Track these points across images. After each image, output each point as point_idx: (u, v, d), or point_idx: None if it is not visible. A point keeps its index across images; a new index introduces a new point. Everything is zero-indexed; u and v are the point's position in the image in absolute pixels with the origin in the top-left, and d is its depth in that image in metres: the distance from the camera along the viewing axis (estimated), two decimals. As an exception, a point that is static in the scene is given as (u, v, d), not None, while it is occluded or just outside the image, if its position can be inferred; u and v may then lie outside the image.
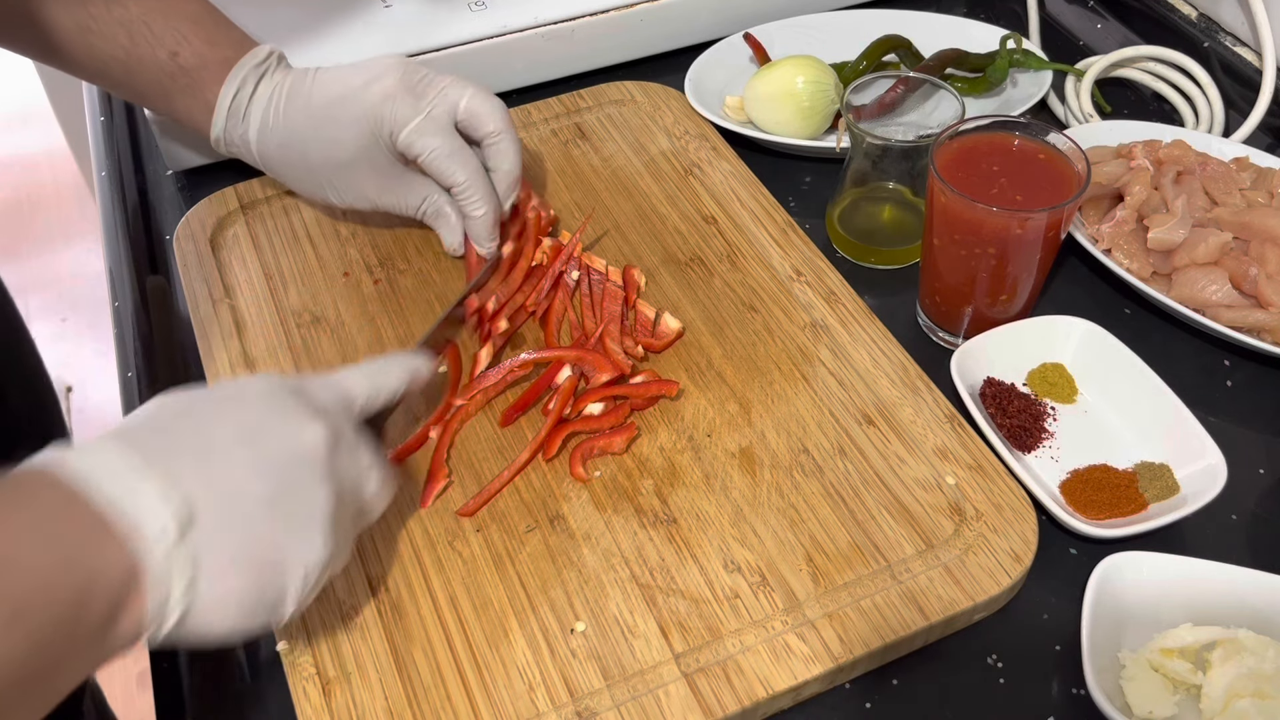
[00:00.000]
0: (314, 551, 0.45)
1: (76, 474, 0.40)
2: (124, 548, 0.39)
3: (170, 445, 0.43)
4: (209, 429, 0.44)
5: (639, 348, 0.65)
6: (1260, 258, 0.67)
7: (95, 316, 2.24)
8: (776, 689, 0.51)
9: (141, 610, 0.40)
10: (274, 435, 0.45)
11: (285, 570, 0.44)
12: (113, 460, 0.41)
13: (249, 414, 0.45)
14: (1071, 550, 0.59)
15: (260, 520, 0.44)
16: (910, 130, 0.75)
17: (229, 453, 0.44)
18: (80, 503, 0.39)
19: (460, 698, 0.51)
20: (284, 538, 0.44)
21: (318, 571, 0.46)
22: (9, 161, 2.61)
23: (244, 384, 0.47)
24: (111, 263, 0.77)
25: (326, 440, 0.46)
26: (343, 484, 0.47)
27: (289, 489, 0.45)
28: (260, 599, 0.44)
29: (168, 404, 0.45)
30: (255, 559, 0.43)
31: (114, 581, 0.39)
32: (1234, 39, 0.90)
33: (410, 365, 0.55)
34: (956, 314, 0.68)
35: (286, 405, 0.46)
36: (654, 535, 0.57)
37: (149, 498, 0.40)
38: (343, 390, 0.51)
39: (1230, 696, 0.49)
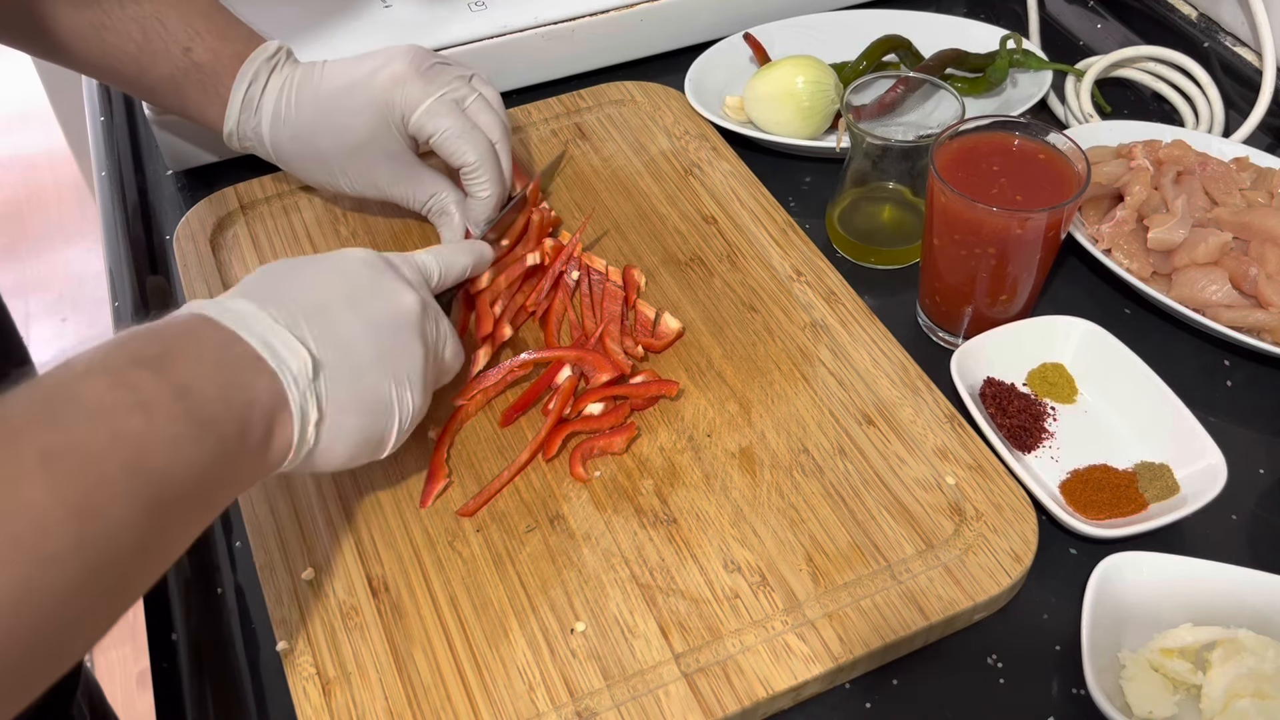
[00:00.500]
0: (410, 400, 0.53)
1: (229, 321, 0.46)
2: (274, 381, 0.46)
3: (294, 305, 0.49)
4: (321, 291, 0.51)
5: (639, 348, 0.65)
6: (1260, 258, 0.67)
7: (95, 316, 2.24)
8: (776, 689, 0.51)
9: (288, 436, 0.47)
10: (376, 299, 0.52)
11: (390, 414, 0.52)
12: (252, 312, 0.47)
13: (352, 280, 0.52)
14: (1071, 550, 0.59)
15: (370, 372, 0.50)
16: (910, 130, 0.75)
17: (341, 313, 0.50)
18: (239, 342, 0.46)
19: (460, 698, 0.51)
20: (389, 386, 0.51)
21: (411, 417, 0.53)
22: (9, 161, 2.61)
23: (343, 253, 0.54)
24: (111, 263, 0.77)
25: (418, 307, 0.53)
26: (429, 345, 0.54)
27: (392, 345, 0.51)
28: (369, 437, 0.51)
29: (282, 269, 0.52)
30: (368, 402, 0.50)
31: (268, 408, 0.46)
32: (1234, 39, 0.90)
33: (476, 249, 0.63)
34: (956, 314, 0.68)
35: (383, 274, 0.53)
36: (654, 535, 0.57)
37: (288, 342, 0.47)
38: (423, 266, 0.58)
39: (1230, 696, 0.49)
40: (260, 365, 0.46)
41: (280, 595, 0.55)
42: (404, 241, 0.74)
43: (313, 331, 0.49)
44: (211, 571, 0.59)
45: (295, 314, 0.49)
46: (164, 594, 0.58)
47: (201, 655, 0.56)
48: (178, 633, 0.57)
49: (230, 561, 0.59)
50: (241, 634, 0.56)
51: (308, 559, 0.57)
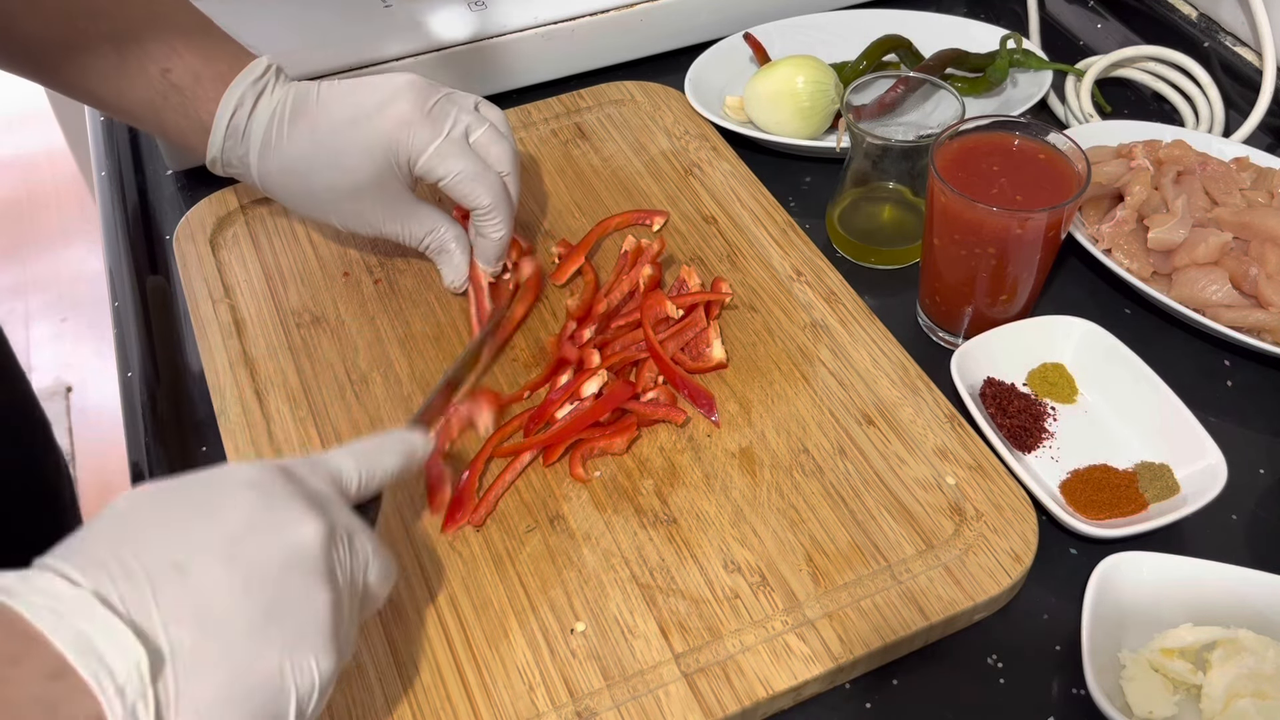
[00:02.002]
0: (317, 664, 0.40)
1: (32, 614, 0.35)
2: (86, 698, 0.35)
3: (136, 572, 0.37)
4: (184, 540, 0.39)
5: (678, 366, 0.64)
6: (1260, 258, 0.67)
7: (95, 316, 2.24)
8: (776, 689, 0.51)
9: None
10: (261, 539, 0.40)
11: (283, 694, 0.39)
12: (71, 596, 0.36)
13: (232, 514, 0.40)
14: (1071, 550, 0.59)
15: (248, 645, 0.38)
16: (910, 130, 0.75)
17: (206, 571, 0.38)
18: (36, 648, 0.34)
19: (460, 698, 0.51)
20: (278, 660, 0.39)
21: (319, 687, 0.41)
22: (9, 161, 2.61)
23: (224, 474, 0.42)
24: (111, 263, 0.77)
25: (321, 537, 0.41)
26: (342, 581, 0.42)
27: (282, 602, 0.39)
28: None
29: (135, 508, 0.40)
30: (245, 691, 0.38)
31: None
32: (1234, 39, 0.90)
33: (406, 444, 0.50)
34: (956, 314, 0.68)
35: (273, 500, 0.41)
36: (654, 535, 0.57)
37: (116, 634, 0.35)
38: (335, 474, 0.46)
39: (1230, 696, 0.49)
40: (65, 683, 0.34)
41: (280, 595, 0.55)
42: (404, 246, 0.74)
43: (162, 603, 0.37)
44: (211, 571, 0.59)
45: (139, 580, 0.37)
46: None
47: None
48: (178, 633, 0.56)
49: (230, 561, 0.59)
50: (241, 634, 0.56)
51: (308, 559, 0.56)
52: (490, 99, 0.76)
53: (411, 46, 0.82)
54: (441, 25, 0.84)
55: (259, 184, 0.67)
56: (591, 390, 0.62)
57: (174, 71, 0.63)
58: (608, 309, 0.68)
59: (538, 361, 0.66)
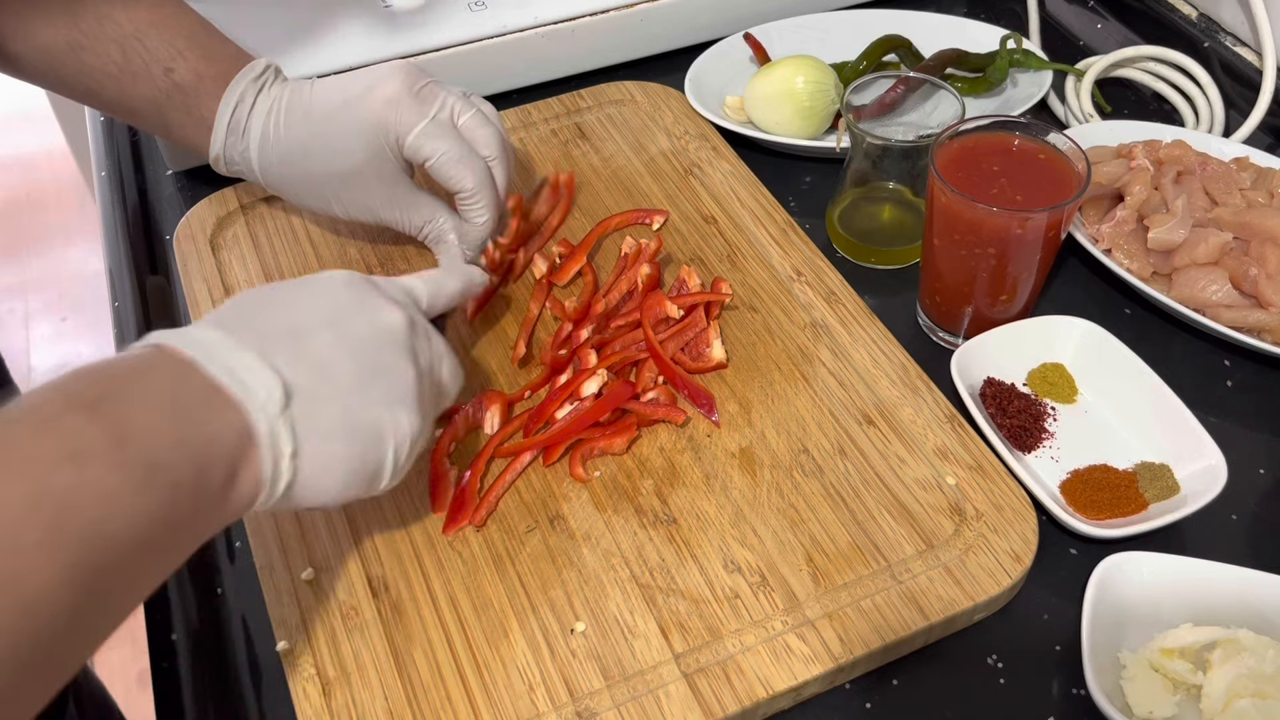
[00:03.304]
0: (406, 423, 0.48)
1: (187, 350, 0.43)
2: (237, 414, 0.42)
3: (263, 329, 0.46)
4: (296, 314, 0.47)
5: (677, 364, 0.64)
6: (1260, 258, 0.67)
7: (95, 316, 2.24)
8: (776, 689, 0.51)
9: (256, 473, 0.43)
10: (357, 317, 0.48)
11: (382, 439, 0.48)
12: (217, 339, 0.44)
13: (331, 299, 0.48)
14: (1071, 550, 0.59)
15: (354, 394, 0.46)
16: (910, 130, 0.75)
17: (318, 334, 0.46)
18: (196, 373, 0.42)
19: (460, 698, 0.51)
20: (378, 410, 0.47)
21: (409, 442, 0.49)
22: (9, 161, 2.61)
23: (321, 275, 0.50)
24: (111, 263, 0.77)
25: (405, 322, 0.49)
26: (423, 363, 0.50)
27: (377, 365, 0.48)
28: (362, 466, 0.47)
29: (253, 294, 0.48)
30: (353, 428, 0.46)
31: (230, 444, 0.42)
32: (1234, 39, 0.90)
33: (465, 273, 0.59)
34: (956, 314, 0.68)
35: (365, 292, 0.49)
36: (654, 535, 0.57)
37: (255, 370, 0.43)
38: (410, 288, 0.54)
39: (1230, 696, 0.49)
40: (220, 398, 0.42)
41: (280, 595, 0.55)
42: (404, 243, 0.74)
43: (285, 355, 0.45)
44: (211, 571, 0.59)
45: (266, 338, 0.45)
46: (164, 594, 0.58)
47: (201, 655, 0.56)
48: (178, 633, 0.57)
49: (230, 561, 0.59)
50: (242, 634, 0.56)
51: (308, 559, 0.57)
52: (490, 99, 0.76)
53: (411, 46, 0.82)
54: (441, 25, 0.84)
55: (261, 178, 0.69)
56: (591, 390, 0.62)
57: (177, 71, 0.65)
58: (606, 309, 0.68)
59: (539, 361, 0.66)
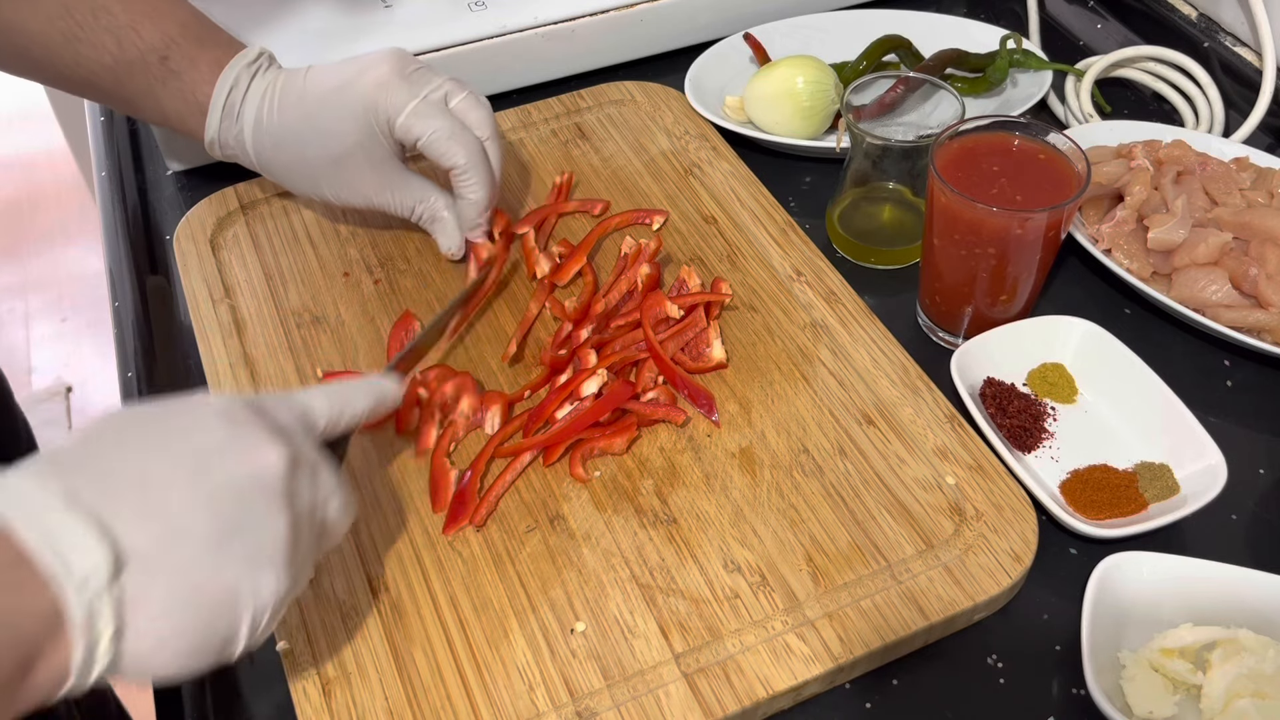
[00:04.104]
0: (269, 586, 0.42)
1: (1, 508, 0.36)
2: (45, 591, 0.36)
3: (104, 478, 0.39)
4: (150, 458, 0.40)
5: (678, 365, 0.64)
6: (1260, 258, 0.67)
7: (95, 316, 2.24)
8: (776, 689, 0.51)
9: (64, 659, 0.37)
10: (226, 461, 0.41)
11: (236, 608, 0.41)
12: (37, 494, 0.37)
13: (199, 437, 0.42)
14: (1071, 550, 0.59)
15: (206, 558, 0.40)
16: (910, 130, 0.75)
17: (173, 483, 0.40)
18: (5, 539, 0.36)
19: (460, 698, 0.51)
20: (234, 575, 0.41)
21: (271, 607, 0.42)
22: (9, 161, 2.61)
23: (198, 402, 0.43)
24: (111, 263, 0.77)
25: (284, 464, 0.43)
26: (301, 510, 0.44)
27: (242, 521, 0.41)
28: (207, 640, 0.41)
29: (106, 427, 0.41)
30: (200, 600, 0.40)
31: (31, 630, 0.36)
32: (1234, 39, 0.90)
33: (377, 389, 0.51)
34: (956, 314, 0.68)
35: (240, 427, 0.42)
36: (654, 535, 0.57)
37: (79, 534, 0.37)
38: (304, 409, 0.47)
39: (1230, 696, 0.49)
40: (25, 573, 0.36)
41: (280, 595, 0.55)
42: (404, 243, 0.74)
43: (127, 512, 0.38)
44: (211, 571, 0.59)
45: (108, 490, 0.39)
46: (164, 594, 0.58)
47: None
48: (178, 633, 0.56)
49: (230, 561, 0.59)
50: (241, 634, 0.56)
51: (308, 559, 0.56)
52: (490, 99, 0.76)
53: (411, 46, 0.82)
54: (441, 25, 0.84)
55: (255, 162, 0.70)
56: (591, 390, 0.62)
57: (172, 59, 0.66)
58: (606, 309, 0.68)
59: (538, 362, 0.66)
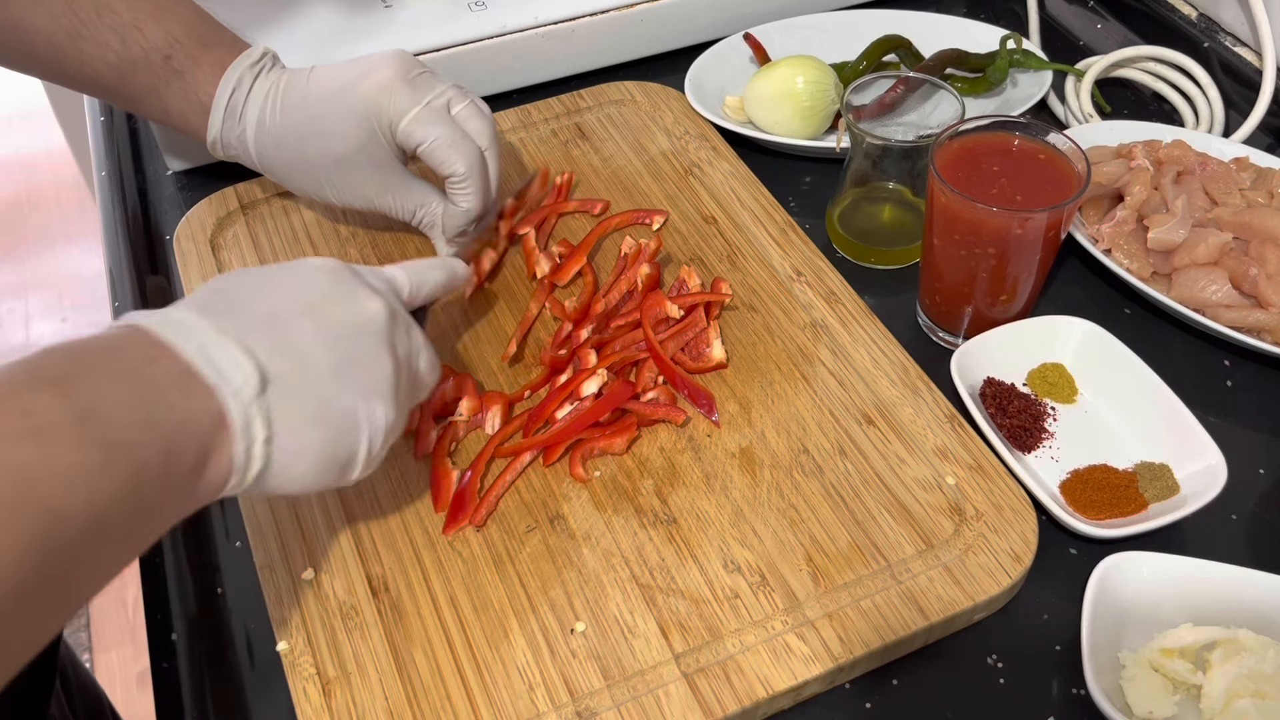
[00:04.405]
0: (381, 414, 0.48)
1: (163, 332, 0.42)
2: (210, 397, 0.42)
3: (243, 314, 0.45)
4: (276, 302, 0.47)
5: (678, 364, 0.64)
6: (1260, 258, 0.67)
7: (95, 316, 2.24)
8: (776, 689, 0.51)
9: (228, 458, 0.43)
10: (337, 306, 0.48)
11: (357, 429, 0.48)
12: (194, 322, 0.43)
13: (312, 287, 0.48)
14: (1071, 550, 0.59)
15: (330, 382, 0.46)
16: (910, 130, 0.75)
17: (297, 322, 0.46)
18: (171, 355, 0.42)
19: (460, 698, 0.51)
20: (353, 399, 0.47)
21: (383, 433, 0.49)
22: (9, 161, 2.61)
23: (304, 261, 0.50)
24: (111, 263, 0.77)
25: (385, 313, 0.49)
26: (400, 356, 0.50)
27: (355, 355, 0.47)
28: (334, 456, 0.47)
29: (234, 279, 0.48)
30: (328, 417, 0.46)
31: (202, 428, 0.41)
32: (1234, 39, 0.90)
33: (450, 265, 0.58)
34: (956, 314, 0.68)
35: (345, 281, 0.49)
36: (654, 535, 0.57)
37: (231, 355, 0.43)
38: (392, 278, 0.54)
39: (1230, 696, 0.49)
40: (193, 381, 0.42)
41: (280, 595, 0.55)
42: (404, 243, 0.74)
43: (263, 341, 0.45)
44: (211, 571, 0.59)
45: (244, 323, 0.45)
46: (164, 594, 0.58)
47: (201, 655, 0.56)
48: (178, 633, 0.57)
49: (230, 561, 0.59)
50: (242, 634, 0.56)
51: (308, 559, 0.57)
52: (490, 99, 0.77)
53: (412, 47, 0.82)
54: (441, 25, 0.84)
55: (257, 162, 0.70)
56: (591, 390, 0.62)
57: (175, 58, 0.66)
58: (605, 309, 0.68)
59: (538, 362, 0.66)
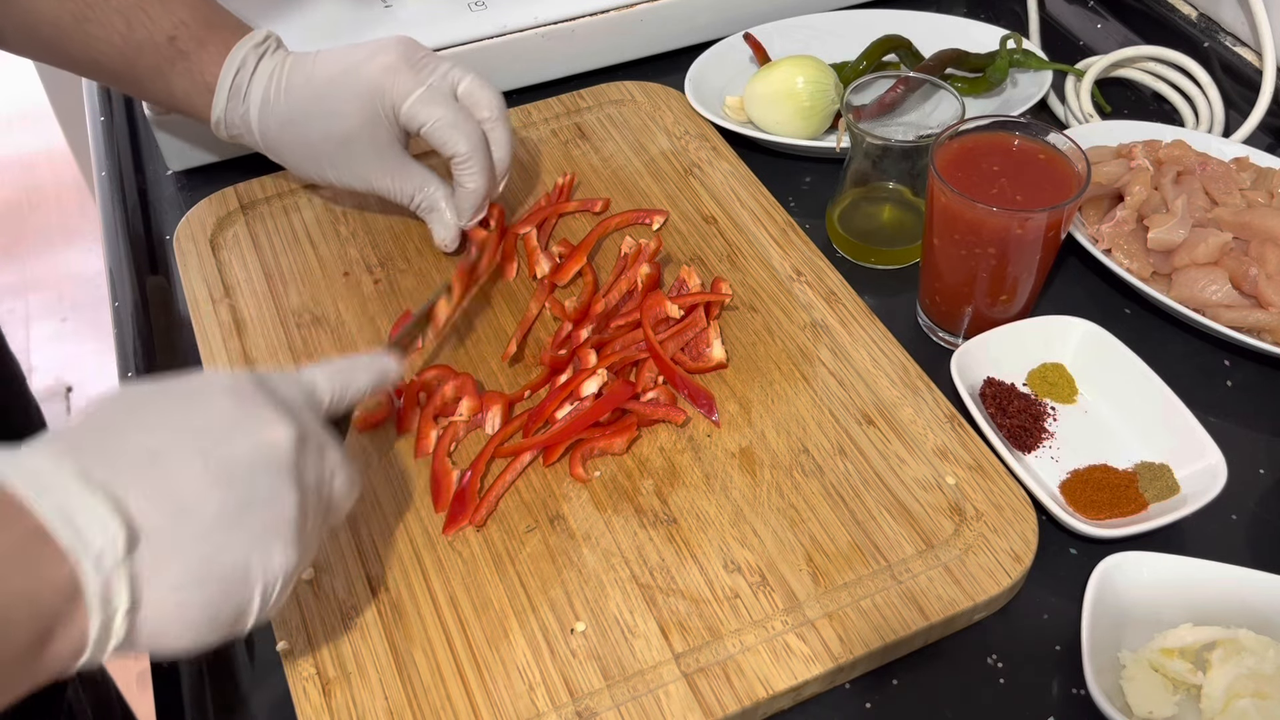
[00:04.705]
0: (279, 560, 0.42)
1: (17, 483, 0.36)
2: (61, 565, 0.36)
3: (114, 455, 0.39)
4: (159, 435, 0.40)
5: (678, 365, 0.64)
6: (1260, 258, 0.67)
7: (95, 316, 2.24)
8: (776, 689, 0.51)
9: (80, 632, 0.37)
10: (235, 436, 0.42)
11: (247, 582, 0.42)
12: (52, 470, 0.37)
13: (208, 413, 0.42)
14: (1071, 550, 0.59)
15: (218, 533, 0.40)
16: (910, 130, 0.75)
17: (183, 461, 0.40)
18: (22, 514, 0.36)
19: (460, 698, 0.51)
20: (246, 549, 0.41)
21: (280, 580, 0.43)
22: (9, 161, 2.61)
23: (204, 379, 0.44)
24: (111, 263, 0.77)
25: (291, 441, 0.43)
26: (308, 485, 0.44)
27: (251, 497, 0.41)
28: (219, 614, 0.41)
29: (113, 405, 0.42)
30: (213, 575, 0.40)
31: (44, 604, 0.36)
32: (1234, 39, 0.90)
33: (379, 366, 0.52)
34: (956, 314, 0.68)
35: (250, 402, 0.43)
36: (654, 535, 0.57)
37: (95, 509, 0.37)
38: (309, 386, 0.48)
39: (1230, 696, 0.49)
40: (45, 547, 0.36)
41: (280, 595, 0.55)
42: (404, 241, 0.74)
43: (137, 488, 0.39)
44: (211, 571, 0.59)
45: (119, 466, 0.39)
46: (164, 594, 0.58)
47: (201, 655, 0.55)
48: (178, 633, 0.56)
49: (230, 561, 0.59)
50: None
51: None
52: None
53: (411, 46, 0.82)
54: (441, 25, 0.84)
55: (260, 142, 0.70)
56: (591, 390, 0.62)
57: (180, 39, 0.67)
58: (606, 309, 0.68)
59: (538, 362, 0.66)
